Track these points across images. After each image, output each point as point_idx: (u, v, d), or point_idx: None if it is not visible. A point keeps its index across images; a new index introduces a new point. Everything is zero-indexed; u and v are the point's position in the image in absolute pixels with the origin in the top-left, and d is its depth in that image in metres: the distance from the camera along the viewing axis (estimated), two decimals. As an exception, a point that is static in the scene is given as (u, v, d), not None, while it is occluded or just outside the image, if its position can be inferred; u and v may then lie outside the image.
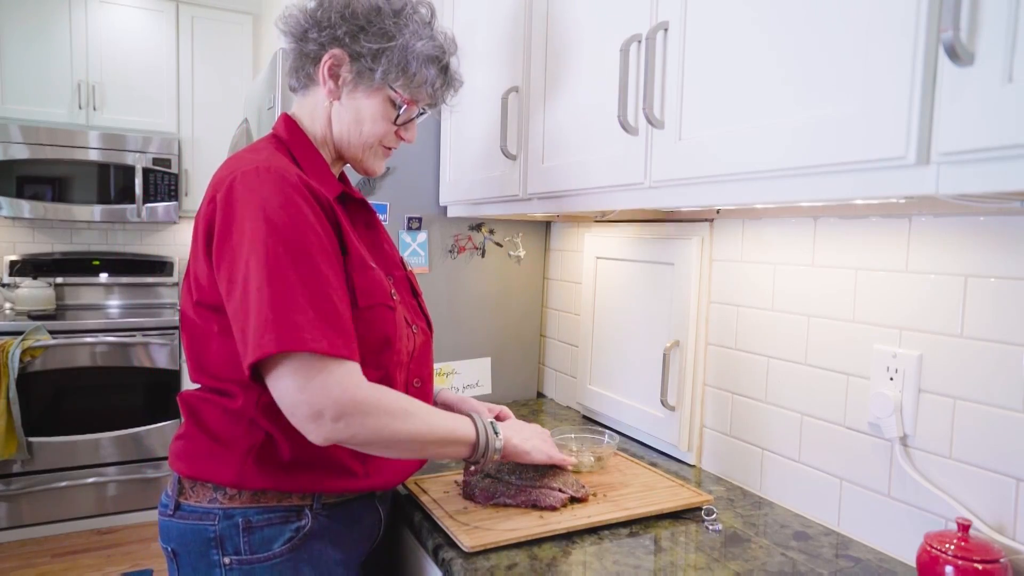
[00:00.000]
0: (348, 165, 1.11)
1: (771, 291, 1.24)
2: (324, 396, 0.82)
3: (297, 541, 0.96)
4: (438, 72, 1.05)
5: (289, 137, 1.03)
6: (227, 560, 0.94)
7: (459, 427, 0.98)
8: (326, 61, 1.00)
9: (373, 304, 0.96)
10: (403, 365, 1.04)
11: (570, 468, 1.16)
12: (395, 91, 1.02)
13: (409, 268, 1.17)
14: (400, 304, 1.04)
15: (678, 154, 0.97)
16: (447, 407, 1.20)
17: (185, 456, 0.96)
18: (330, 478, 0.96)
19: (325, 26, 1.00)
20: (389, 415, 0.87)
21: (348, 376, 0.85)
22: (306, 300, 0.84)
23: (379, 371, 0.97)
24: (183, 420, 0.99)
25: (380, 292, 0.98)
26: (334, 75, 1.01)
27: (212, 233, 0.89)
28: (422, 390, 1.10)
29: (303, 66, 1.04)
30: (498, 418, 1.20)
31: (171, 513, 0.97)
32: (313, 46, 1.01)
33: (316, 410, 0.82)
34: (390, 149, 1.08)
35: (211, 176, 1.04)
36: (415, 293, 1.14)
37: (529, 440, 1.10)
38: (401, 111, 1.03)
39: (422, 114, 1.08)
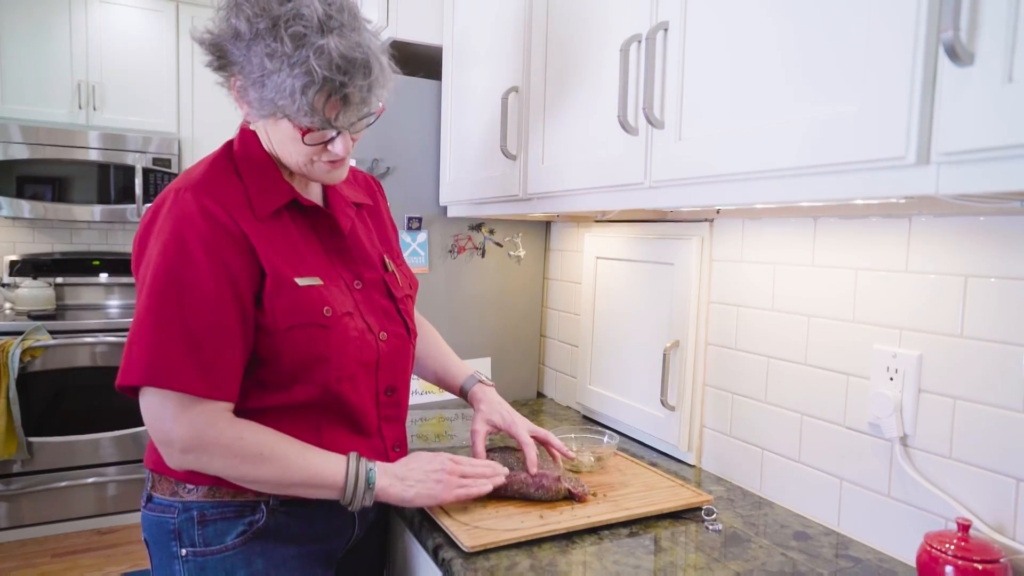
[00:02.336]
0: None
1: (771, 291, 1.24)
2: (174, 429, 0.89)
3: (250, 535, 0.97)
4: (319, 97, 0.88)
5: (240, 149, 1.00)
6: (183, 552, 0.96)
7: (324, 473, 0.94)
8: (232, 86, 0.94)
9: (296, 324, 0.94)
10: (356, 377, 1.01)
11: (559, 462, 1.17)
12: (289, 119, 0.90)
13: (391, 270, 1.12)
14: (355, 313, 1.01)
15: (678, 154, 0.97)
16: (474, 406, 1.21)
17: (150, 450, 1.00)
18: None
19: (217, 53, 0.92)
20: (238, 459, 0.91)
21: (203, 415, 0.89)
22: (179, 339, 0.88)
23: (315, 386, 0.97)
24: None
25: (306, 311, 0.95)
26: (242, 100, 0.94)
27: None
28: (395, 399, 1.08)
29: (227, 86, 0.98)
30: (539, 441, 1.17)
31: (145, 504, 1.01)
32: (221, 70, 0.94)
33: (166, 439, 0.89)
34: (333, 162, 0.97)
35: None
36: (392, 296, 1.10)
37: (420, 484, 1.01)
38: (305, 138, 0.92)
39: (333, 139, 0.94)
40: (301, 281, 0.96)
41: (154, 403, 0.89)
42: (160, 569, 0.99)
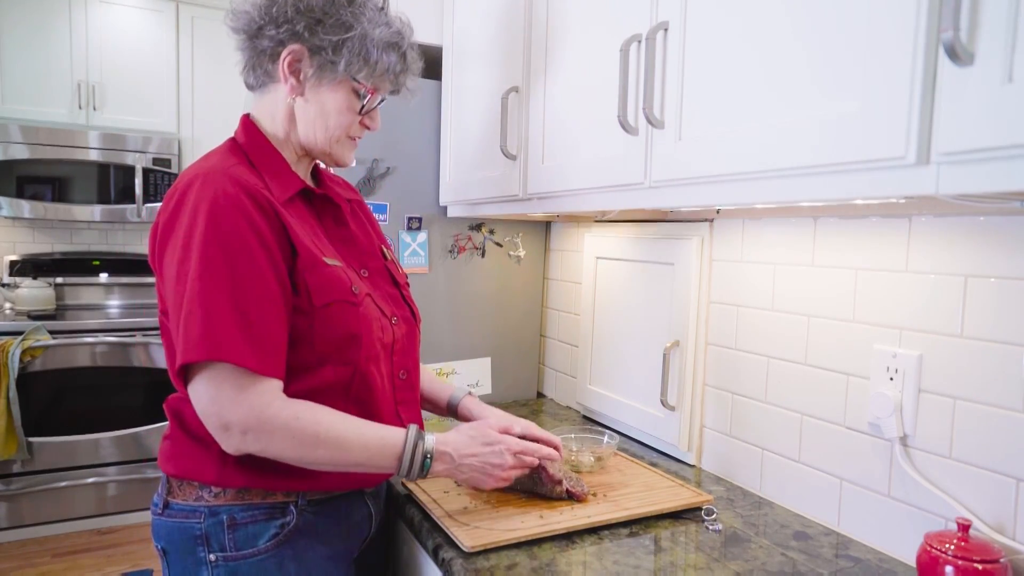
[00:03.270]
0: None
1: (771, 291, 1.24)
2: (232, 411, 0.86)
3: (282, 537, 0.96)
4: (398, 58, 1.04)
5: (246, 140, 1.02)
6: (213, 557, 0.95)
7: (382, 449, 0.95)
8: (285, 57, 0.98)
9: (330, 301, 0.96)
10: (380, 358, 1.03)
11: (559, 460, 1.17)
12: (359, 82, 1.01)
13: (390, 258, 1.16)
14: (371, 296, 1.04)
15: (678, 154, 0.97)
16: (468, 418, 1.20)
17: (171, 456, 0.98)
18: (312, 476, 0.96)
19: (282, 21, 0.97)
20: (296, 438, 0.89)
21: (260, 395, 0.88)
22: (231, 314, 0.86)
23: (347, 367, 0.98)
24: (169, 422, 1.01)
25: (337, 289, 0.97)
26: (295, 71, 0.99)
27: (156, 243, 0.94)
28: (408, 381, 1.09)
29: (260, 64, 1.01)
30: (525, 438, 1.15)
31: (160, 512, 0.99)
32: (269, 43, 0.98)
33: (224, 423, 0.87)
34: (356, 140, 1.08)
35: None
36: (396, 283, 1.13)
37: (472, 472, 1.01)
38: (365, 101, 1.03)
39: (382, 101, 1.07)
40: (328, 260, 0.98)
41: (208, 387, 0.87)
42: None
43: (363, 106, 1.03)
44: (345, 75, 0.99)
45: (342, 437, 0.92)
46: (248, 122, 1.05)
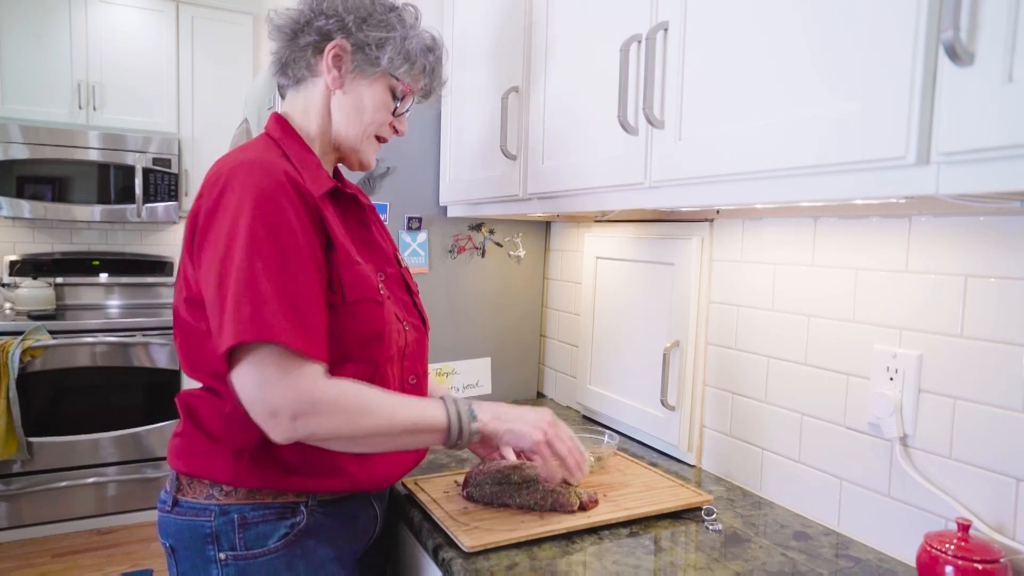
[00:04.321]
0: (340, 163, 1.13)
1: (771, 291, 1.24)
2: (281, 395, 0.84)
3: (292, 537, 0.96)
4: (435, 60, 1.11)
5: (281, 135, 1.04)
6: (223, 556, 0.95)
7: (427, 415, 0.95)
8: (330, 50, 1.02)
9: (360, 299, 0.97)
10: (394, 361, 1.04)
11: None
12: (397, 79, 1.05)
13: (404, 265, 1.17)
14: (390, 300, 1.05)
15: (678, 154, 0.97)
16: None
17: (182, 454, 0.98)
18: (324, 477, 0.97)
19: (331, 15, 1.02)
20: (347, 414, 0.88)
21: (307, 376, 0.86)
22: (278, 297, 0.85)
23: (368, 365, 0.98)
24: (181, 418, 1.01)
25: (367, 287, 0.99)
26: (338, 64, 1.03)
27: (196, 229, 0.92)
28: (417, 386, 1.10)
29: (301, 58, 1.04)
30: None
31: (169, 509, 0.98)
32: (313, 37, 1.02)
33: (272, 408, 0.84)
34: (383, 141, 1.11)
35: None
36: (409, 290, 1.14)
37: (514, 422, 1.02)
38: (400, 100, 1.08)
39: (411, 105, 1.12)
40: (357, 258, 0.99)
41: (255, 371, 0.84)
42: (192, 574, 0.97)
43: (396, 106, 1.08)
44: (386, 71, 1.04)
45: (388, 403, 0.92)
46: (280, 118, 1.06)
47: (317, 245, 0.93)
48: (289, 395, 0.84)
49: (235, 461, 0.94)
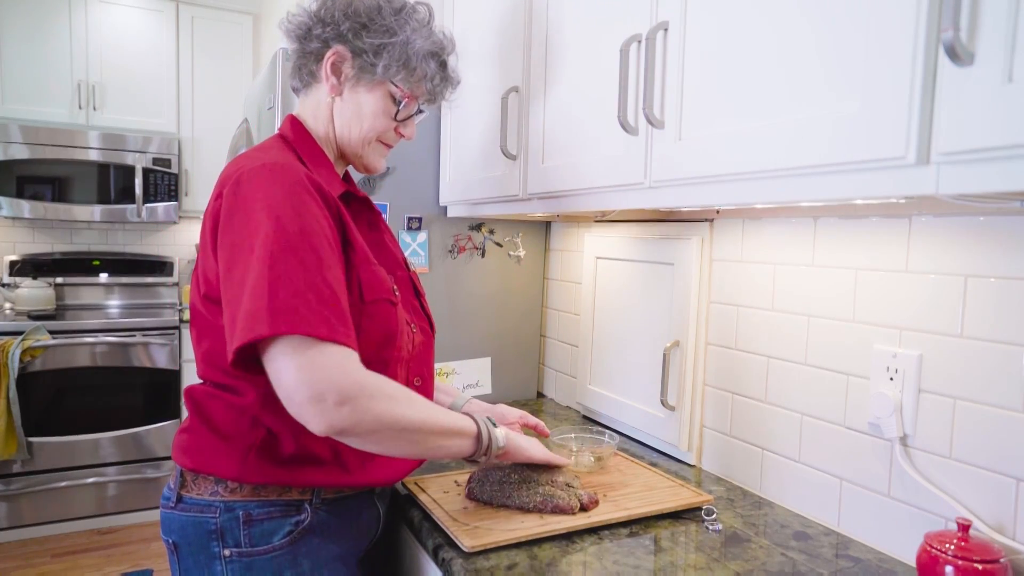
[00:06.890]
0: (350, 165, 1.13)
1: (771, 291, 1.24)
2: (325, 378, 0.80)
3: (296, 535, 0.97)
4: (437, 67, 1.08)
5: (295, 137, 1.05)
6: (227, 552, 0.95)
7: (460, 420, 0.98)
8: (329, 57, 1.03)
9: (377, 299, 0.98)
10: (403, 362, 1.05)
11: (570, 465, 1.17)
12: (396, 86, 1.04)
13: (412, 269, 1.18)
14: (401, 302, 1.06)
15: (678, 154, 0.97)
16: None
17: (188, 449, 0.97)
18: (329, 474, 0.97)
19: (328, 23, 1.02)
20: (393, 400, 0.86)
21: (348, 361, 0.83)
22: (308, 287, 0.83)
23: (381, 366, 0.98)
24: (188, 414, 1.01)
25: (383, 288, 0.99)
26: (336, 71, 1.03)
27: (218, 226, 0.90)
28: (422, 388, 1.10)
29: (305, 64, 1.06)
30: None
31: (173, 505, 0.98)
32: (316, 44, 1.03)
33: (317, 392, 0.79)
34: (389, 146, 1.11)
35: (212, 176, 1.05)
36: (417, 293, 1.15)
37: (527, 438, 1.11)
38: (401, 106, 1.06)
39: (420, 112, 1.11)
40: (373, 259, 1.00)
41: (293, 359, 0.80)
42: (196, 570, 0.97)
43: (398, 112, 1.06)
44: (383, 78, 1.03)
45: (425, 401, 0.93)
46: (295, 120, 1.07)
47: (338, 244, 0.93)
48: (335, 377, 0.80)
49: (242, 458, 0.94)
